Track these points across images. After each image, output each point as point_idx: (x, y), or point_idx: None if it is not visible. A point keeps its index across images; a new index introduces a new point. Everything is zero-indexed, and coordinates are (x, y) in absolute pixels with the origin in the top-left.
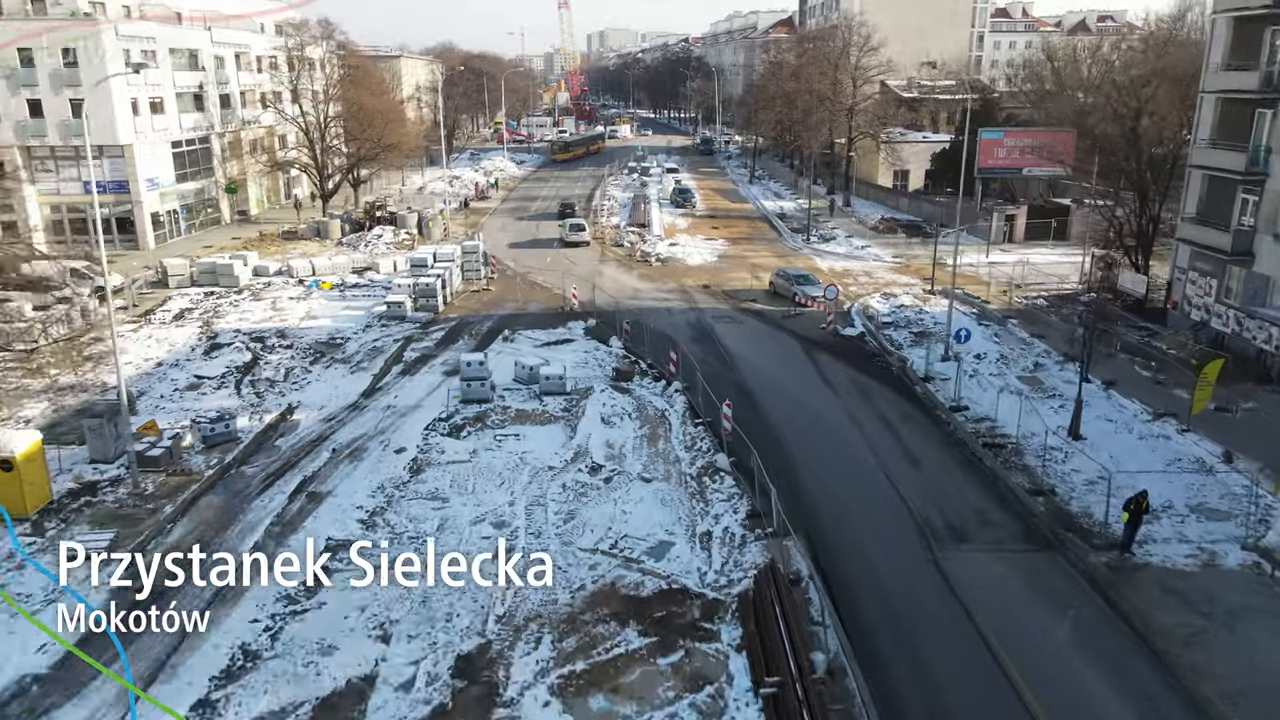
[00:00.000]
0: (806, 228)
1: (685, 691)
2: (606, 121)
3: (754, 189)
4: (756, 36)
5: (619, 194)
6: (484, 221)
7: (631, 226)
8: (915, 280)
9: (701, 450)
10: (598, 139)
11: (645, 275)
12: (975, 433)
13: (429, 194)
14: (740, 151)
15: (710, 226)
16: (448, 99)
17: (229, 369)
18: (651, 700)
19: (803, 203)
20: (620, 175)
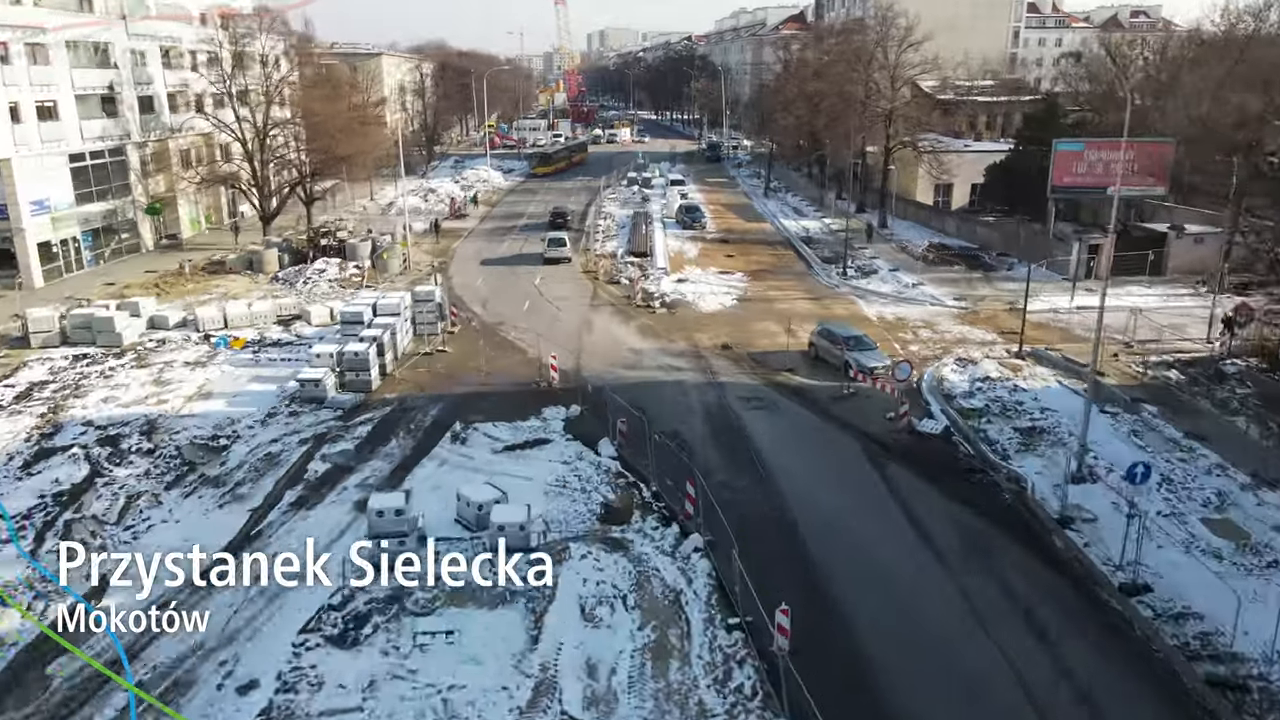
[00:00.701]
0: (842, 257)
1: None
2: (605, 124)
3: (770, 204)
4: (765, 34)
5: (617, 211)
6: (456, 248)
7: (631, 256)
8: (992, 335)
9: (742, 694)
10: (581, 148)
11: (647, 328)
12: (1182, 646)
13: (397, 212)
14: (751, 158)
15: (724, 255)
16: (433, 100)
17: (43, 498)
18: None
19: (829, 222)
20: (618, 187)
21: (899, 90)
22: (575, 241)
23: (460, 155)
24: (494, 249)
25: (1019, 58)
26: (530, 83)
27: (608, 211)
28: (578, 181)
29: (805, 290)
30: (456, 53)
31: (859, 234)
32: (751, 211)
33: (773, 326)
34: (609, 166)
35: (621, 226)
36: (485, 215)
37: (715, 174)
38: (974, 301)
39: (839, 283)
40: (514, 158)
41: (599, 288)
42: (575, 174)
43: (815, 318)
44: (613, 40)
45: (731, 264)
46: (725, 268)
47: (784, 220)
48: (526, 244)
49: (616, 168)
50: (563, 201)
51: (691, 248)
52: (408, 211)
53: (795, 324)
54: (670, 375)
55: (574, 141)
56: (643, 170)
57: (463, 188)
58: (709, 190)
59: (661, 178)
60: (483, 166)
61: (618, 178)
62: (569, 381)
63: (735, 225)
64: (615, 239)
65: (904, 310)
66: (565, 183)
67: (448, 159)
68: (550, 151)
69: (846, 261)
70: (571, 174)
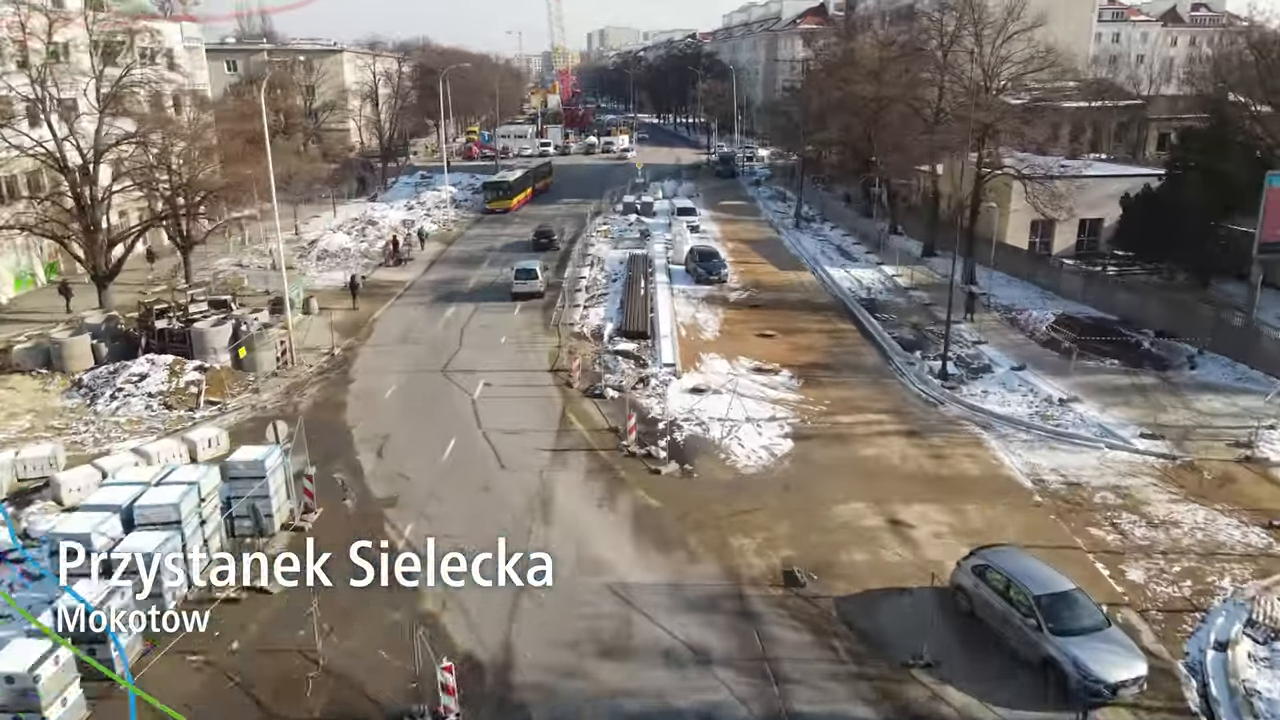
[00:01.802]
0: (935, 346)
1: None
2: (601, 130)
3: (806, 241)
4: (781, 28)
5: (607, 251)
6: (377, 319)
7: (623, 340)
8: (1248, 522)
9: None
10: (544, 172)
11: (645, 521)
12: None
13: (321, 254)
14: (770, 173)
15: (757, 332)
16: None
17: None
18: None
19: (891, 272)
20: (612, 216)
21: (996, 95)
22: (559, 266)
23: (432, 168)
24: (431, 322)
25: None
26: (520, 83)
27: (595, 254)
28: (561, 206)
29: (892, 410)
30: (439, 50)
31: (930, 290)
32: (783, 252)
33: (862, 510)
34: (604, 183)
35: (613, 279)
36: (435, 259)
37: (729, 194)
38: (1175, 437)
39: (940, 395)
40: (492, 170)
41: (571, 407)
42: (555, 198)
43: (927, 482)
44: (613, 39)
45: (771, 350)
46: (762, 358)
47: (829, 268)
48: (479, 313)
49: (613, 185)
50: (544, 228)
51: (710, 317)
52: (340, 251)
53: (904, 508)
54: (691, 688)
55: (539, 164)
56: (642, 192)
57: (406, 223)
58: (725, 219)
59: (665, 200)
60: (447, 187)
61: (612, 202)
62: (482, 706)
63: (766, 276)
64: (603, 302)
65: (1066, 459)
66: (545, 208)
67: (414, 174)
68: (509, 180)
69: (946, 355)
70: (548, 198)
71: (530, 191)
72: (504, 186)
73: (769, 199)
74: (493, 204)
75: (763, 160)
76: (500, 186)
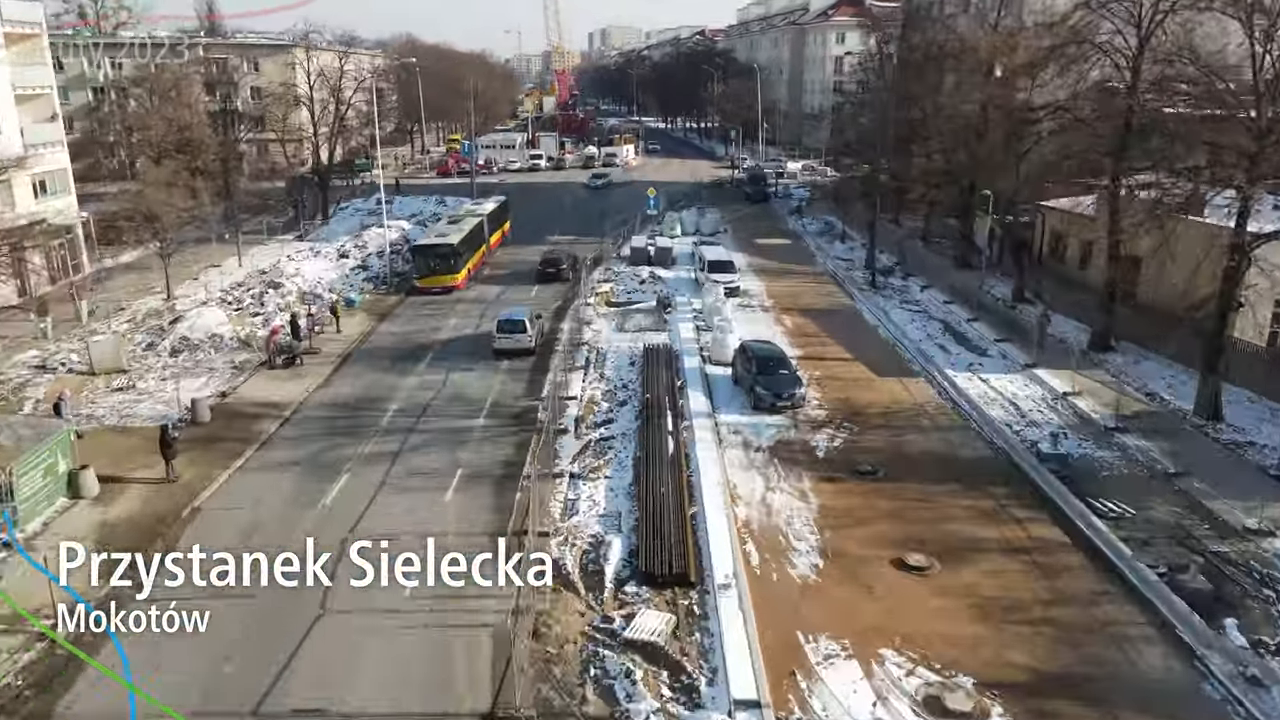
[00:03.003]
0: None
1: None
2: (603, 138)
3: (894, 311)
4: (810, 21)
5: (611, 340)
6: (205, 502)
7: (641, 590)
8: None
9: None
10: (500, 217)
11: None
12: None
13: (179, 343)
14: (809, 195)
15: (893, 555)
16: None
17: None
18: None
19: (1056, 384)
20: (617, 268)
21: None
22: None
23: (406, 186)
24: (302, 510)
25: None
26: (512, 84)
27: (593, 339)
28: (545, 247)
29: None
30: (423, 47)
31: (1148, 428)
32: (869, 336)
33: None
34: (601, 214)
35: (619, 398)
36: (351, 353)
37: (765, 225)
38: None
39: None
40: (464, 193)
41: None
42: (538, 234)
43: None
44: (615, 38)
45: (933, 615)
46: (924, 648)
47: (952, 371)
48: (394, 492)
49: (612, 216)
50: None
51: (791, 505)
52: (164, 353)
53: None
54: None
55: (490, 207)
56: (655, 228)
57: (311, 298)
58: (770, 270)
59: (687, 237)
60: (398, 222)
61: (615, 243)
62: None
63: (860, 389)
64: (605, 458)
65: None
66: (522, 253)
67: (370, 196)
68: (449, 242)
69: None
70: (530, 233)
71: (484, 251)
72: (442, 253)
73: (818, 234)
74: (425, 281)
75: (794, 177)
76: (436, 253)
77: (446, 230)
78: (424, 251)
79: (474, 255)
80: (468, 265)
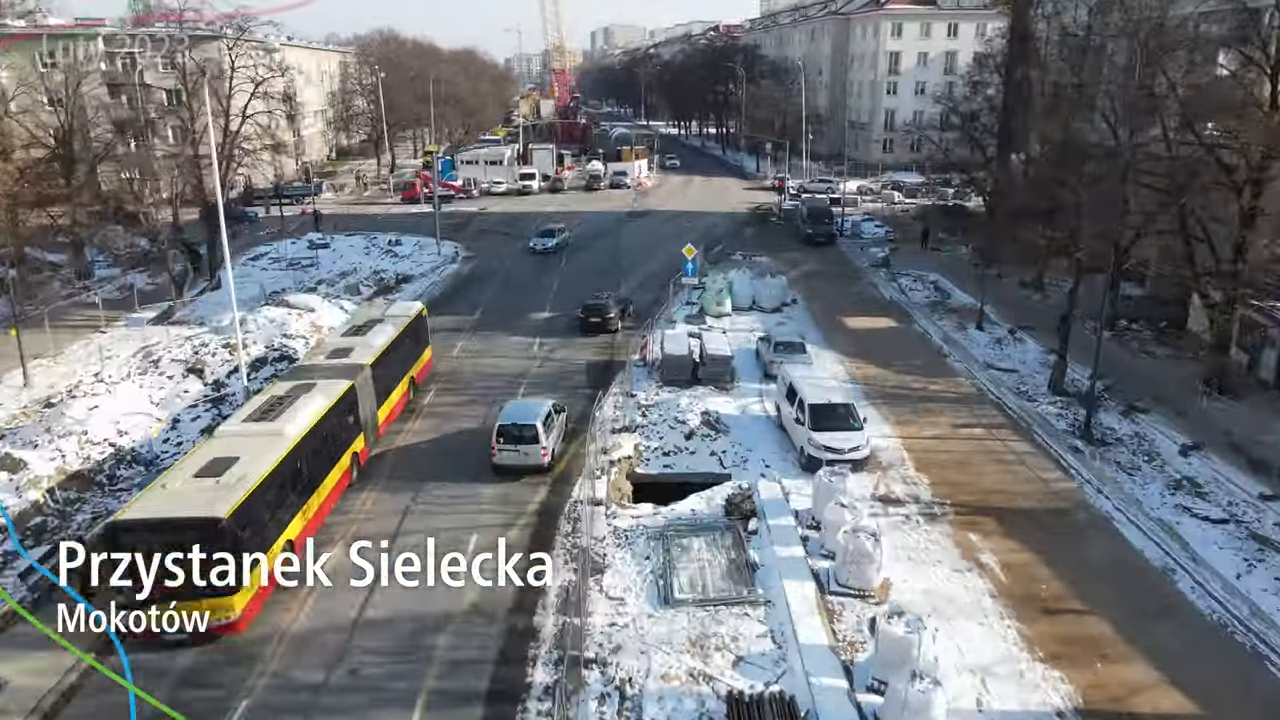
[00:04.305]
0: None
1: None
2: (609, 151)
3: (1188, 530)
4: (856, 10)
5: (651, 668)
6: None
7: None
8: None
9: None
10: (416, 330)
11: None
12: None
13: None
14: (889, 234)
15: None
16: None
17: None
18: None
19: None
20: (651, 429)
21: None
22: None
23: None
24: None
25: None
26: (506, 86)
27: (612, 687)
28: (500, 363)
29: None
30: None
31: None
32: (1178, 628)
33: None
34: (594, 280)
35: None
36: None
37: (851, 293)
38: None
39: None
40: (427, 231)
41: None
42: (510, 326)
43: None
44: (619, 38)
45: None
46: None
47: None
48: None
49: (631, 276)
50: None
51: None
52: None
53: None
54: None
55: (391, 333)
56: (697, 310)
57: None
58: (898, 401)
59: (741, 315)
60: (306, 297)
61: (630, 356)
62: None
63: None
64: None
65: None
66: (466, 406)
67: (301, 238)
68: (340, 354)
69: None
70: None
71: (389, 415)
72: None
73: (928, 307)
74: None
75: (855, 204)
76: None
77: (337, 340)
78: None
79: (340, 456)
80: (328, 484)
